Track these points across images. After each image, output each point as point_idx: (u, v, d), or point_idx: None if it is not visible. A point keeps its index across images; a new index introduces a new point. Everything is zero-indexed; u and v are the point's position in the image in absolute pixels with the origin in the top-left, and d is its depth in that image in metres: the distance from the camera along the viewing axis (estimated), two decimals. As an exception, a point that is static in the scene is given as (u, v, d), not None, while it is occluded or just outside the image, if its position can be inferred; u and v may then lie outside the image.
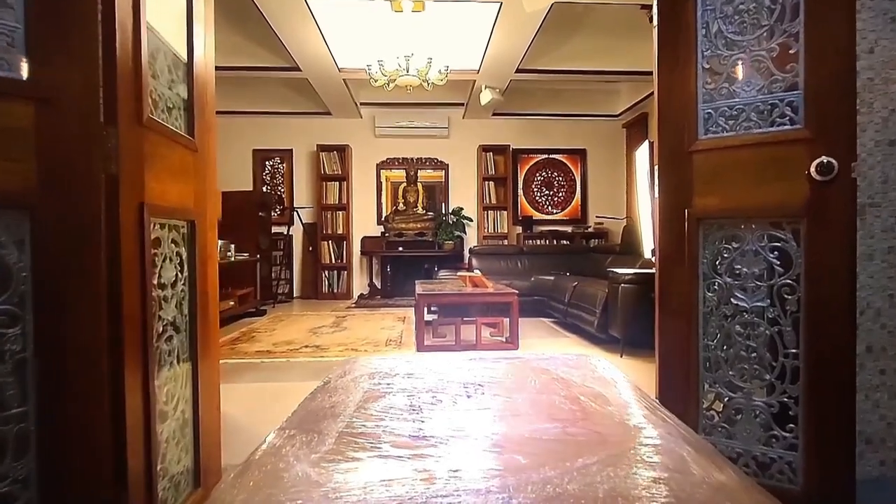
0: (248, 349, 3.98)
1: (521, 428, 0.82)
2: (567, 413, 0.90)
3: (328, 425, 0.83)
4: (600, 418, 0.87)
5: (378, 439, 0.77)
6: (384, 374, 1.18)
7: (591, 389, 1.06)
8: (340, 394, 1.07)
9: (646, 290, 3.52)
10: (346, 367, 1.28)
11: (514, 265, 6.26)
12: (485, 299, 3.93)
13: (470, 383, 1.09)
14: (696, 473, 0.64)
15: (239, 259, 5.64)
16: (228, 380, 3.11)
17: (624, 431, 0.82)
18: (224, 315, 4.98)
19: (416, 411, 0.90)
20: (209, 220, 1.61)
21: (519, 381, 1.12)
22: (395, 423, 0.83)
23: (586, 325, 3.98)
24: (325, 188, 7.49)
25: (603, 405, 0.95)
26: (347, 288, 7.54)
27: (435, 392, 1.02)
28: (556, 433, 0.80)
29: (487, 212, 7.66)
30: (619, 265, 5.01)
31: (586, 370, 1.24)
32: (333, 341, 4.25)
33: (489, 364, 1.25)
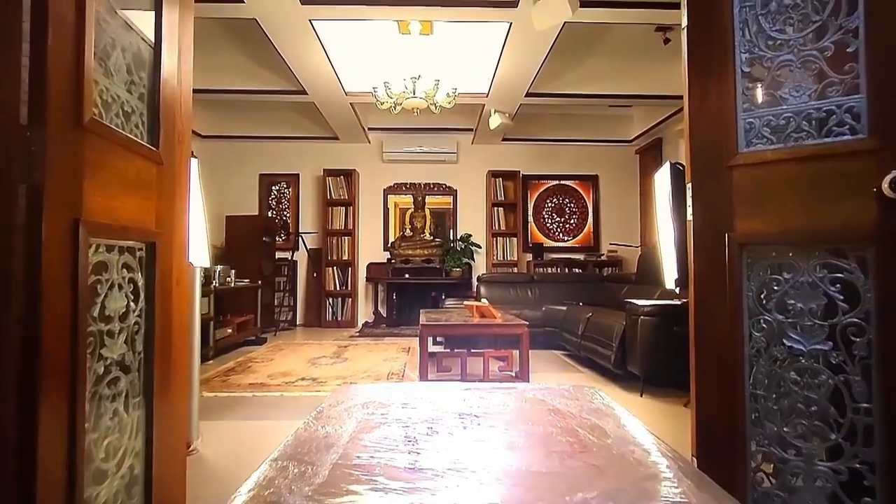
0: (242, 381, 3.75)
1: (518, 461, 0.80)
2: (564, 445, 0.87)
3: (321, 456, 0.81)
4: (598, 451, 0.84)
5: (373, 472, 0.75)
6: (379, 404, 1.14)
7: (589, 421, 1.03)
8: (334, 423, 1.04)
9: (668, 324, 3.27)
10: (340, 396, 1.25)
11: (524, 294, 6.01)
12: (493, 331, 3.69)
13: (466, 414, 1.06)
14: None
15: (239, 285, 5.46)
16: (214, 416, 2.88)
17: (623, 465, 0.79)
18: (221, 344, 4.77)
19: (412, 442, 0.88)
20: (177, 241, 1.41)
21: (515, 411, 1.10)
22: (390, 455, 0.81)
23: (602, 359, 3.71)
24: (331, 213, 7.34)
25: (601, 437, 0.91)
26: (351, 316, 7.31)
27: (430, 423, 1.00)
28: (553, 466, 0.77)
29: (496, 238, 7.45)
30: (636, 295, 4.75)
31: (584, 401, 1.21)
32: (332, 374, 4.01)
33: (485, 394, 1.22)
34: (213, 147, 7.53)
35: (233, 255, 6.55)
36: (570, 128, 7.49)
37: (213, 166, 7.52)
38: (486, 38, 4.47)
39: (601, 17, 4.05)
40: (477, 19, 4.09)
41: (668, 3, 3.96)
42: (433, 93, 4.49)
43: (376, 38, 4.64)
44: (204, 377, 3.89)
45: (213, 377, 3.89)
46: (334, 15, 4.01)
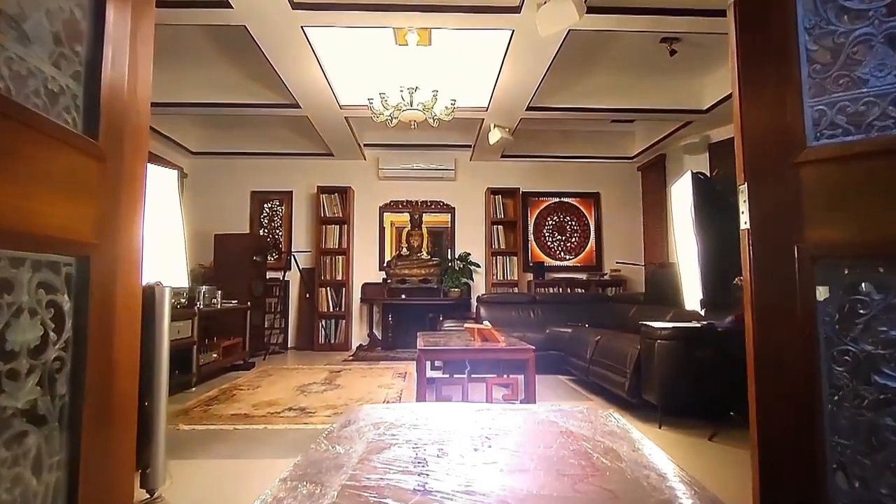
0: (224, 412, 3.45)
1: (529, 484, 0.78)
2: (577, 468, 0.86)
3: (331, 477, 0.80)
4: (611, 475, 0.82)
5: (382, 493, 0.73)
6: (389, 425, 1.11)
7: (603, 444, 1.00)
8: (344, 443, 1.00)
9: (688, 348, 3.01)
10: (351, 417, 1.21)
11: (525, 315, 5.74)
12: (497, 356, 3.41)
13: (477, 436, 1.04)
14: None
15: (226, 307, 5.17)
16: (190, 453, 2.58)
17: (637, 490, 0.76)
18: (205, 370, 4.47)
19: (422, 464, 0.86)
20: (125, 256, 1.15)
21: (527, 433, 1.08)
22: (399, 477, 0.80)
23: (614, 386, 3.43)
24: (324, 232, 7.09)
25: (615, 461, 0.89)
26: (345, 338, 7.00)
27: (441, 444, 0.97)
28: (564, 490, 0.75)
29: (496, 257, 7.20)
30: (645, 316, 4.49)
31: (598, 423, 1.18)
32: (322, 402, 3.71)
33: (496, 415, 1.20)
34: (204, 164, 7.31)
35: (222, 276, 6.27)
36: (571, 144, 7.32)
37: (203, 183, 7.29)
38: (487, 48, 4.29)
39: (607, 24, 3.87)
40: (478, 27, 3.90)
41: (676, 10, 3.79)
42: (431, 104, 4.29)
43: (372, 49, 4.46)
44: (184, 407, 3.58)
45: (194, 406, 3.59)
46: (327, 22, 3.82)
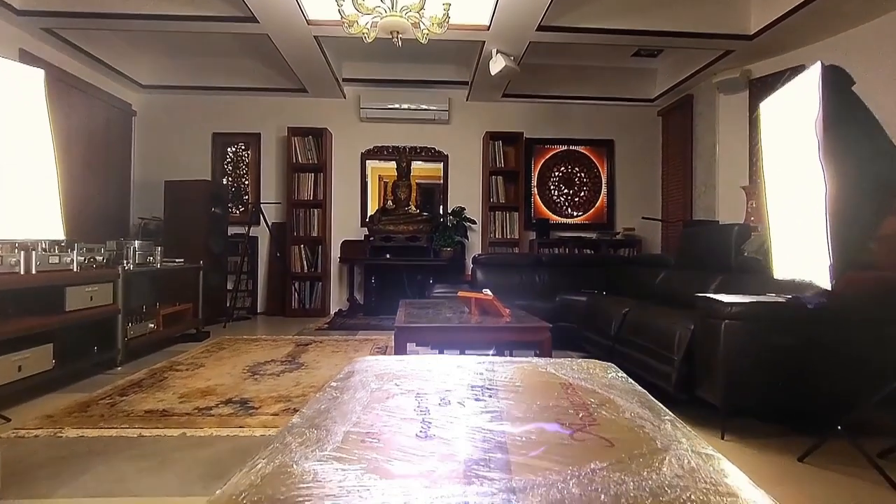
0: (137, 406, 2.61)
1: (528, 432, 0.77)
2: (575, 418, 0.85)
3: (336, 424, 0.78)
4: (609, 424, 0.81)
5: (384, 439, 0.73)
6: (392, 375, 1.10)
7: (603, 395, 0.99)
8: (348, 393, 0.97)
9: (768, 332, 2.17)
10: (354, 367, 1.19)
11: (529, 279, 4.89)
12: (501, 336, 2.58)
13: (478, 386, 1.03)
14: (706, 482, 0.58)
15: (169, 267, 4.27)
16: (51, 484, 1.73)
17: (633, 438, 0.75)
18: (137, 344, 3.62)
19: (424, 412, 0.85)
20: None
21: (528, 385, 1.06)
22: (402, 424, 0.79)
23: (653, 375, 2.61)
24: (297, 181, 6.14)
25: (613, 412, 0.88)
26: (322, 303, 6.16)
27: (442, 394, 0.97)
28: (562, 438, 0.75)
29: (494, 213, 6.30)
30: (679, 284, 3.66)
31: (597, 376, 1.15)
32: (273, 391, 2.88)
33: (497, 367, 1.19)
34: (157, 100, 6.26)
35: (173, 230, 5.35)
36: (583, 83, 6.33)
37: (155, 123, 6.27)
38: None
39: None
40: None
41: None
42: (419, 5, 3.29)
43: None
44: (89, 397, 2.74)
45: (102, 397, 2.74)
46: None
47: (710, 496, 0.55)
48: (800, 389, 2.17)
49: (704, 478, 0.60)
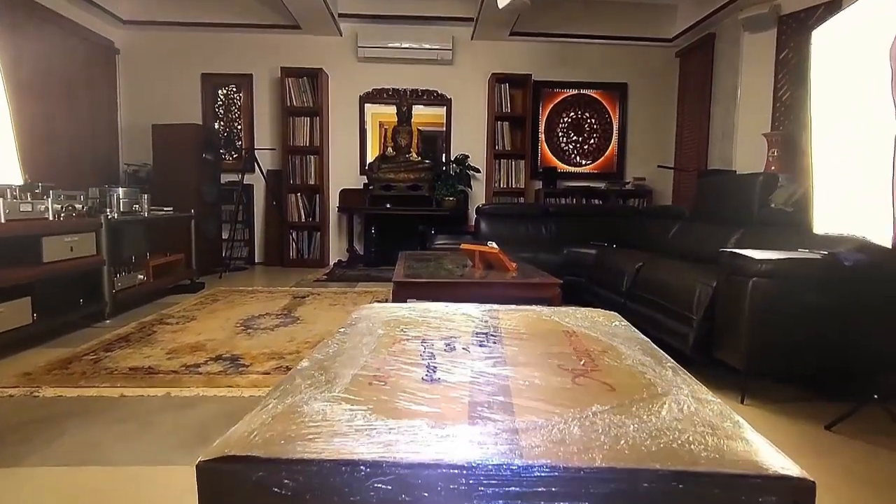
0: (122, 363, 2.47)
1: (531, 376, 0.78)
2: (577, 364, 0.85)
3: (343, 368, 0.79)
4: (611, 371, 0.82)
5: (391, 382, 0.73)
6: (398, 322, 1.10)
7: (605, 343, 0.99)
8: (356, 338, 0.98)
9: (800, 291, 1.98)
10: (361, 314, 1.19)
11: (535, 231, 4.69)
12: (507, 292, 2.40)
13: (483, 333, 1.03)
14: (704, 425, 0.59)
15: (157, 215, 4.07)
16: (19, 451, 1.60)
17: (634, 384, 0.75)
18: (125, 296, 3.48)
19: (429, 357, 0.86)
20: None
21: (532, 332, 1.07)
22: (408, 368, 0.80)
23: (668, 335, 2.45)
24: (292, 125, 5.83)
25: (615, 359, 0.88)
26: (321, 253, 6.00)
27: (448, 340, 0.97)
28: (564, 382, 0.75)
29: (500, 161, 6.02)
30: (694, 237, 3.45)
31: (601, 324, 1.15)
32: (266, 348, 2.74)
33: (502, 315, 1.19)
34: (141, 38, 5.86)
35: (163, 177, 5.11)
36: (597, 20, 5.90)
37: (141, 63, 5.90)
38: None
39: None
40: None
41: None
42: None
43: None
44: (72, 353, 2.61)
45: (86, 353, 2.61)
46: None
47: (707, 437, 0.56)
48: (832, 354, 2.01)
49: (702, 420, 0.61)
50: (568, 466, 0.51)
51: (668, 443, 0.56)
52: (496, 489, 0.51)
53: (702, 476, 0.50)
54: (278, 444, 0.54)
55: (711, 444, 0.55)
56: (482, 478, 0.51)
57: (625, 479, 0.50)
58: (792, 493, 0.51)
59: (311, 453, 0.52)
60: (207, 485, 0.53)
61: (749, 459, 0.53)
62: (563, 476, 0.50)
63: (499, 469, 0.51)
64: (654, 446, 0.55)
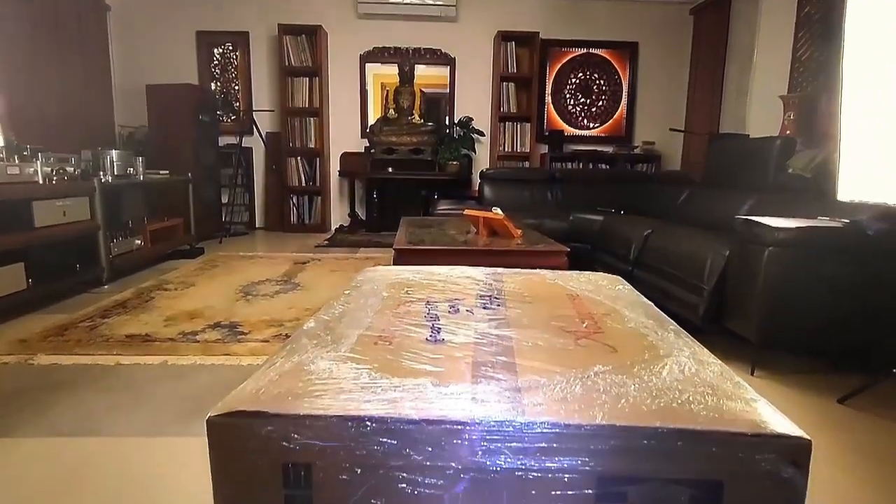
0: (118, 329, 2.43)
1: (534, 337, 0.78)
2: (580, 327, 0.85)
3: (349, 328, 0.80)
4: (614, 333, 0.82)
5: (396, 342, 0.74)
6: (403, 284, 1.10)
7: (608, 306, 0.98)
8: (361, 300, 0.98)
9: (818, 261, 1.90)
10: (366, 276, 1.19)
11: (541, 196, 4.58)
12: (512, 260, 2.32)
13: (487, 296, 1.03)
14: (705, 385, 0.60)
15: (152, 179, 3.97)
16: (12, 421, 1.56)
17: (637, 346, 0.75)
18: (123, 262, 3.43)
19: (434, 319, 0.86)
20: None
21: (535, 295, 1.06)
22: (412, 328, 0.80)
23: (676, 305, 2.39)
24: (290, 86, 5.66)
25: (618, 322, 0.88)
26: (322, 218, 5.91)
27: (452, 302, 0.97)
28: (567, 344, 0.76)
29: (504, 124, 5.85)
30: (704, 203, 3.35)
31: (605, 288, 1.13)
32: (265, 314, 2.69)
33: (506, 278, 1.20)
34: (129, -10, 5.62)
35: (160, 140, 4.99)
36: (608, -26, 5.62)
37: (133, 20, 5.68)
38: None
39: None
40: None
41: None
42: None
43: None
44: (68, 319, 2.56)
45: (83, 320, 2.57)
46: None
47: (707, 397, 0.57)
48: (849, 326, 1.94)
49: (703, 381, 0.62)
50: (569, 423, 0.52)
51: (668, 402, 0.56)
52: (498, 444, 0.51)
53: (701, 434, 0.51)
54: (286, 401, 0.55)
55: (711, 404, 0.56)
56: (485, 433, 0.52)
57: (625, 435, 0.51)
58: (789, 451, 0.51)
59: (319, 409, 0.53)
60: (218, 439, 0.54)
61: (748, 419, 0.54)
62: (565, 433, 0.51)
63: (501, 425, 0.52)
64: (655, 405, 0.56)
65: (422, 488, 0.53)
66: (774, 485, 0.51)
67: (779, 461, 0.51)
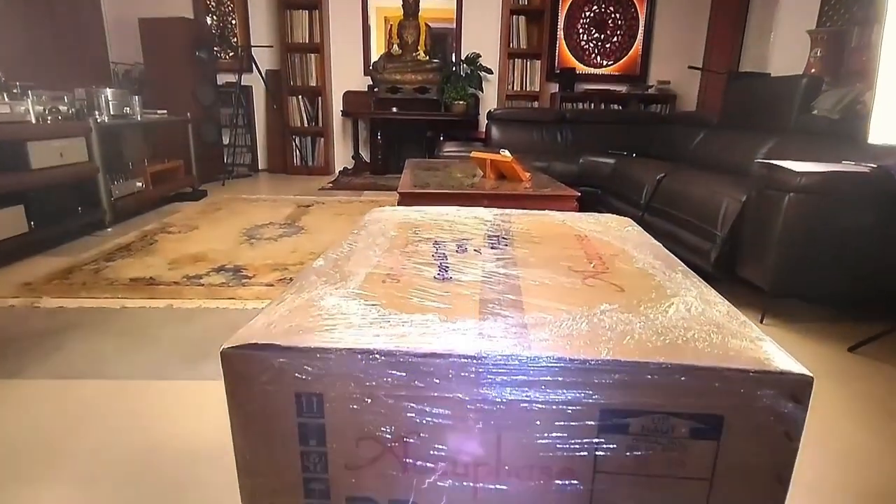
0: (122, 273, 2.42)
1: (541, 277, 0.79)
2: (588, 267, 0.85)
3: (357, 266, 0.81)
4: (621, 273, 0.82)
5: (403, 280, 0.75)
6: (411, 225, 1.10)
7: (617, 247, 0.98)
8: (368, 239, 0.99)
9: (841, 208, 1.83)
10: (373, 216, 1.19)
11: (550, 138, 4.44)
12: (520, 205, 2.24)
13: (495, 236, 1.03)
14: (710, 324, 0.61)
15: (150, 119, 3.86)
16: (18, 363, 1.57)
17: (644, 286, 0.75)
18: (125, 205, 3.39)
19: (441, 258, 0.87)
20: None
21: (543, 236, 1.06)
22: (420, 267, 0.81)
23: (688, 251, 2.34)
24: (290, 19, 5.39)
25: (626, 262, 0.88)
26: (325, 160, 5.80)
27: (460, 242, 0.98)
28: (574, 283, 0.76)
29: (514, 61, 5.60)
30: (720, 146, 3.23)
31: (614, 229, 1.13)
32: (269, 258, 2.67)
33: (514, 218, 1.20)
34: (116, -87, 5.25)
35: (156, 79, 4.82)
36: None
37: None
38: None
39: None
40: None
41: None
42: None
43: None
44: (73, 262, 2.55)
45: (87, 263, 2.56)
46: None
47: (712, 335, 0.58)
48: (868, 276, 1.89)
49: (709, 320, 0.63)
50: (574, 358, 0.53)
51: (673, 339, 0.57)
52: (504, 377, 0.53)
53: (704, 370, 0.52)
54: (297, 334, 0.56)
55: (716, 341, 0.56)
56: (491, 366, 0.53)
57: (629, 370, 0.52)
58: (790, 387, 0.51)
59: (329, 343, 0.54)
60: (232, 370, 0.55)
61: (751, 356, 0.54)
62: (569, 367, 0.52)
63: (507, 359, 0.53)
64: (660, 342, 0.56)
65: (429, 418, 0.55)
66: (774, 419, 0.52)
67: (779, 396, 0.52)
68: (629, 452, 0.54)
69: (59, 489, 1.07)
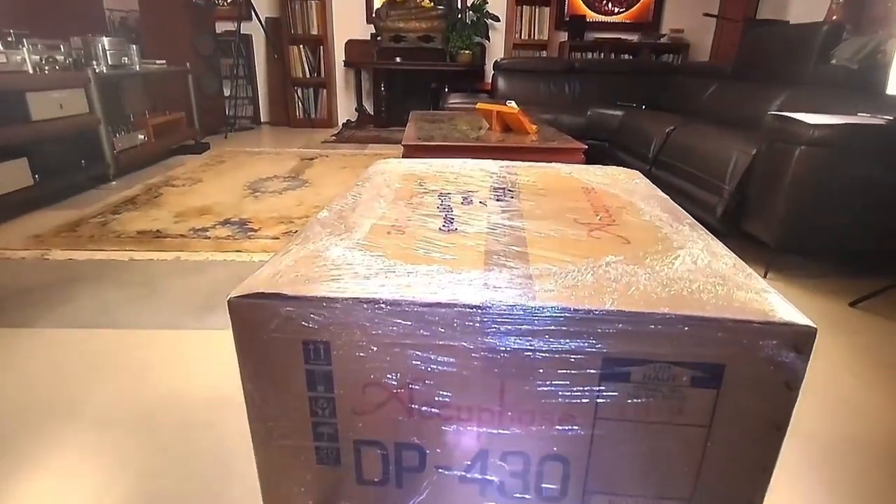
0: (129, 226, 2.43)
1: (547, 228, 0.79)
2: (594, 219, 0.84)
3: (362, 217, 0.81)
4: (628, 225, 0.81)
5: (409, 231, 0.75)
6: (416, 177, 1.09)
7: (624, 199, 0.97)
8: (373, 191, 0.98)
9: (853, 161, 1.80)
10: (378, 168, 1.18)
11: (558, 90, 4.33)
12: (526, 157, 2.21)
13: (500, 188, 1.02)
14: (716, 276, 0.61)
15: (149, 70, 3.77)
16: (31, 313, 1.61)
17: (651, 238, 0.75)
18: (128, 158, 3.36)
19: (447, 210, 0.86)
20: None
21: (550, 188, 1.04)
22: (425, 218, 0.81)
23: (695, 205, 2.32)
24: (289, -37, 5.17)
25: (633, 215, 0.87)
26: (329, 113, 5.70)
27: (466, 194, 0.97)
28: (580, 235, 0.76)
29: (522, 8, 5.39)
30: (733, 97, 3.15)
31: (621, 182, 1.11)
32: (274, 211, 2.67)
33: (521, 171, 1.18)
34: None
35: (154, 27, 4.68)
36: None
37: None
38: None
39: None
40: None
41: None
42: None
43: None
44: (79, 215, 2.56)
45: (94, 216, 2.57)
46: None
47: (717, 287, 0.58)
48: (877, 231, 1.87)
49: (715, 272, 0.62)
50: (578, 308, 0.53)
51: (678, 291, 0.57)
52: (509, 327, 0.53)
53: (707, 320, 0.52)
54: (303, 284, 0.57)
55: (721, 293, 0.56)
56: (495, 316, 0.53)
57: (633, 320, 0.52)
58: (793, 338, 0.52)
59: (335, 292, 0.55)
60: (239, 317, 0.56)
61: (755, 307, 0.54)
62: (574, 317, 0.52)
63: (512, 309, 0.53)
64: (664, 293, 0.56)
65: (434, 365, 0.56)
66: (774, 368, 0.52)
67: (782, 347, 0.52)
68: (630, 400, 0.55)
69: (75, 432, 1.12)
